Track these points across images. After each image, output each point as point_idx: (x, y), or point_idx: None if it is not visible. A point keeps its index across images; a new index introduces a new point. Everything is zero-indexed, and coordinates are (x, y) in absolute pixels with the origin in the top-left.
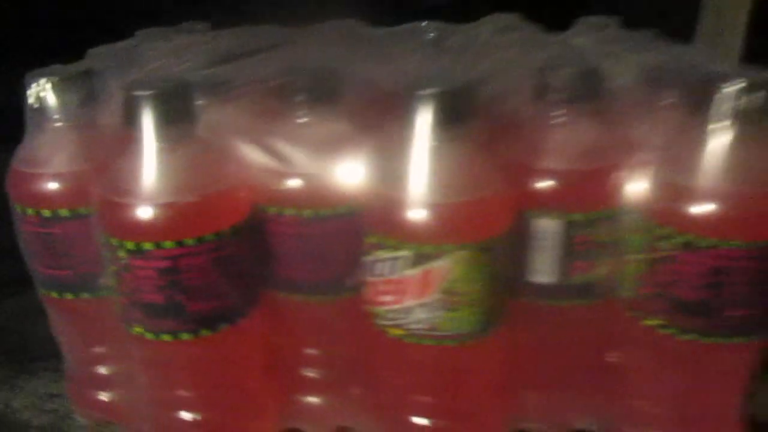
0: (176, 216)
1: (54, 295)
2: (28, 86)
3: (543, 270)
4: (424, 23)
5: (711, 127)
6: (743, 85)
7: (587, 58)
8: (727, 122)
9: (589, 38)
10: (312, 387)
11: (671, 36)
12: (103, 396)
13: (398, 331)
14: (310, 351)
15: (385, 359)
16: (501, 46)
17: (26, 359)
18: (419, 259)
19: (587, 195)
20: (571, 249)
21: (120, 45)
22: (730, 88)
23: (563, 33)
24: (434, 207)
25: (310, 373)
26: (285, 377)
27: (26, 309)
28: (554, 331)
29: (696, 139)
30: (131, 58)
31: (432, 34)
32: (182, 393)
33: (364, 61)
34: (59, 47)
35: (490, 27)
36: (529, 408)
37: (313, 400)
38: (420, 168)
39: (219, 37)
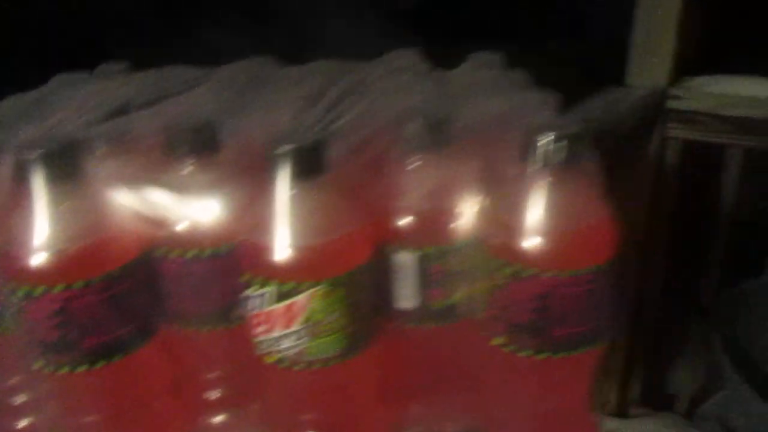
0: (64, 262)
1: None
2: None
3: (404, 297)
4: (324, 63)
5: (530, 170)
6: (555, 135)
7: (446, 105)
8: (541, 168)
9: (463, 81)
10: (214, 407)
11: (604, 50)
12: (20, 424)
13: (273, 358)
14: (209, 375)
15: (268, 381)
16: (379, 91)
17: None
18: (282, 295)
19: (436, 231)
20: (427, 278)
21: (32, 95)
22: (543, 139)
23: (450, 71)
24: (291, 249)
25: (212, 395)
26: (189, 399)
27: None
28: (420, 350)
29: (518, 182)
30: (40, 109)
31: (319, 80)
32: (89, 419)
33: (252, 111)
34: None
35: (380, 69)
36: (410, 419)
37: (216, 419)
38: (279, 215)
39: (124, 84)
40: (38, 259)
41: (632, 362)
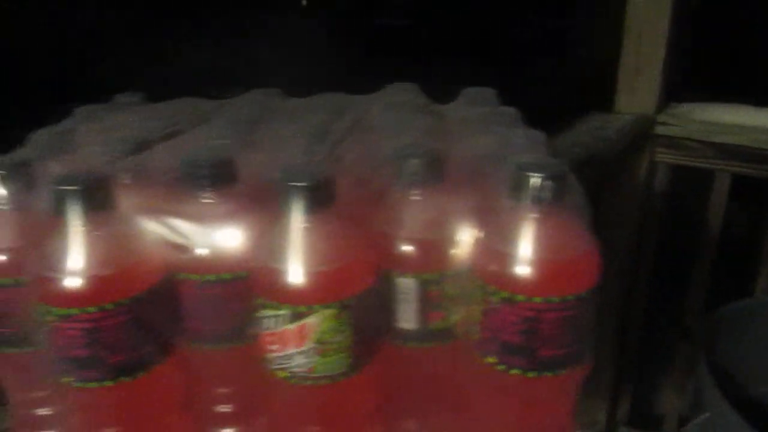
0: (97, 286)
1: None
2: None
3: (405, 318)
4: (325, 96)
5: (516, 206)
6: (539, 175)
7: (440, 141)
8: (527, 204)
9: (457, 116)
10: (224, 420)
11: (593, 76)
12: None
13: (283, 374)
14: (221, 390)
15: (277, 396)
16: (379, 127)
17: None
18: (295, 316)
19: (435, 258)
20: (427, 301)
21: (59, 128)
22: (530, 177)
23: (445, 106)
24: (304, 275)
25: (223, 409)
26: (201, 413)
27: None
28: (420, 368)
29: (506, 215)
30: (67, 142)
31: (323, 115)
32: (109, 430)
33: (261, 144)
34: None
35: (380, 103)
36: (406, 431)
37: (225, 431)
38: (292, 243)
39: (142, 118)
40: (73, 282)
41: (620, 382)
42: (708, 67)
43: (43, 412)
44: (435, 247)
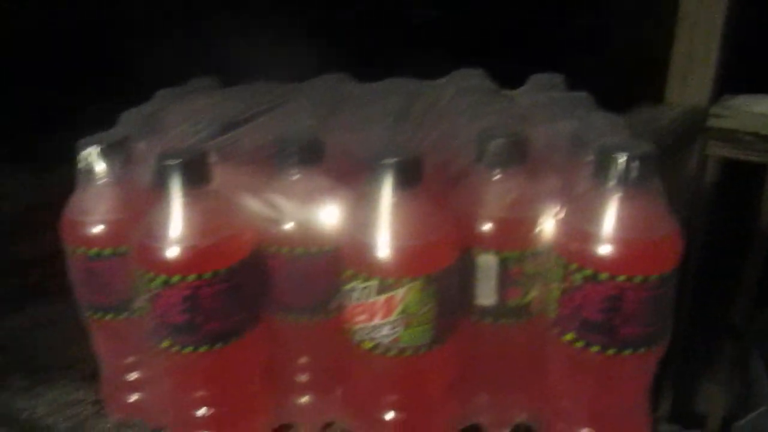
0: (197, 256)
1: (98, 317)
2: (79, 152)
3: (484, 295)
4: (394, 81)
5: (605, 186)
6: (627, 155)
7: (519, 124)
8: (614, 184)
9: (530, 99)
10: (303, 389)
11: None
12: (133, 397)
13: (369, 345)
14: (301, 360)
15: (359, 367)
16: (455, 111)
17: (42, 369)
18: (383, 288)
19: (517, 237)
20: (506, 279)
21: (145, 109)
22: (617, 158)
23: (515, 90)
24: (393, 249)
25: (302, 378)
26: (280, 381)
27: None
28: (496, 344)
29: (591, 195)
30: (155, 122)
31: (400, 98)
32: (199, 394)
33: (344, 125)
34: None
35: (452, 89)
36: (478, 406)
37: (304, 400)
38: (381, 219)
39: (224, 100)
40: (176, 251)
41: (662, 379)
42: (764, 58)
43: (134, 377)
44: (516, 225)
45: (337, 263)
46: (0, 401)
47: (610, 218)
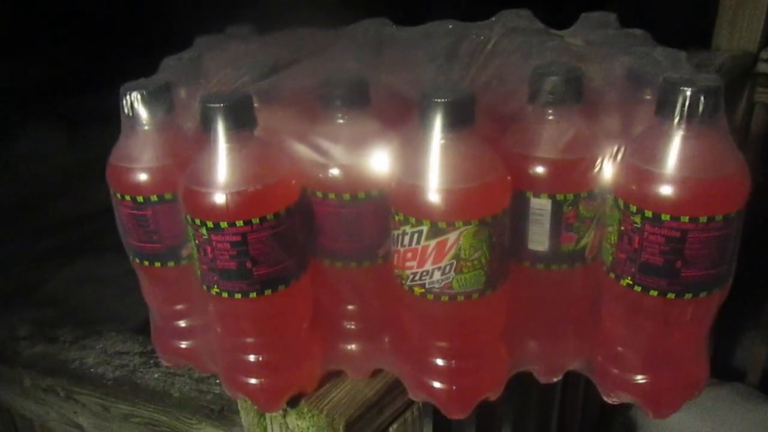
0: (245, 201)
1: (145, 263)
2: (122, 97)
3: (538, 240)
4: (438, 24)
5: (667, 123)
6: (693, 89)
7: (575, 62)
8: (679, 120)
9: (582, 38)
10: (351, 336)
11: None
12: (183, 344)
13: (420, 290)
14: (349, 307)
15: (410, 313)
16: (505, 50)
17: (90, 322)
18: (435, 233)
19: (572, 179)
20: (560, 223)
21: (186, 56)
22: (683, 92)
23: (565, 30)
24: (445, 192)
25: (349, 325)
26: (329, 329)
27: (80, 277)
28: (549, 290)
29: (654, 133)
30: (196, 69)
31: (446, 39)
32: (248, 340)
33: (389, 68)
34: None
35: (498, 29)
36: (530, 353)
37: (352, 347)
38: (433, 161)
39: (265, 46)
40: (225, 197)
41: (719, 306)
42: None
43: (183, 324)
44: (571, 167)
45: (386, 209)
46: (50, 353)
47: (673, 156)
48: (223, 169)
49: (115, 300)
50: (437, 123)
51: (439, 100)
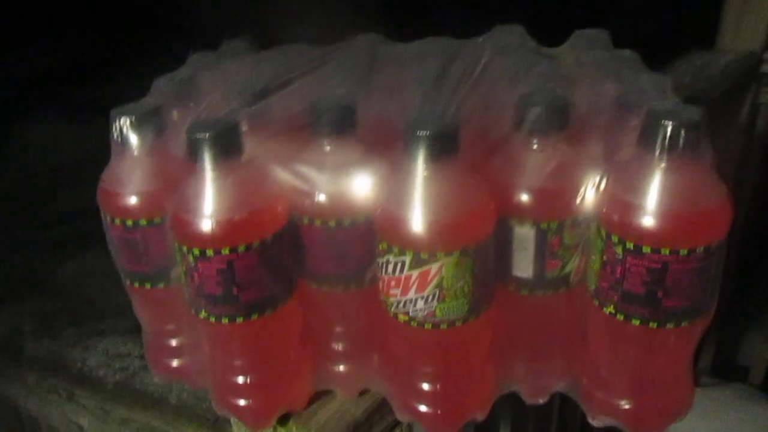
0: (231, 229)
1: (136, 285)
2: (112, 122)
3: (522, 267)
4: (432, 41)
5: (648, 155)
6: (675, 122)
7: (562, 87)
8: (660, 153)
9: (574, 57)
10: (339, 357)
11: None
12: (174, 361)
13: (404, 317)
14: (337, 329)
15: (395, 337)
16: (495, 73)
17: (93, 318)
18: (418, 263)
19: (556, 207)
20: (545, 250)
21: (178, 76)
22: (665, 125)
23: (557, 48)
24: (426, 224)
25: (338, 346)
26: (318, 349)
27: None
28: (534, 314)
29: (636, 164)
30: (188, 90)
31: (437, 60)
32: (237, 362)
33: (379, 91)
34: None
35: (490, 47)
36: (516, 375)
37: (341, 367)
38: (415, 192)
39: (256, 65)
40: (209, 225)
41: (703, 332)
42: None
43: (175, 342)
44: (555, 195)
45: (372, 233)
46: (54, 350)
47: (655, 189)
48: (209, 197)
49: (120, 292)
50: (420, 154)
51: (422, 133)
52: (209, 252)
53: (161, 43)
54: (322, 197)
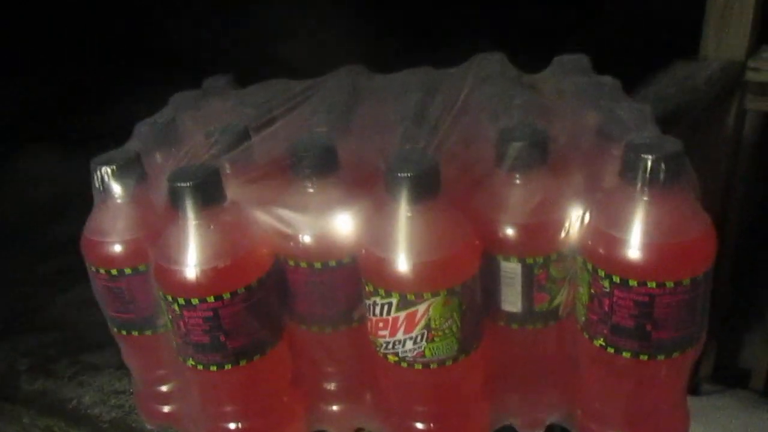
0: (215, 277)
1: (123, 333)
2: (93, 172)
3: (511, 301)
4: (413, 72)
5: (630, 188)
6: (654, 156)
7: (542, 119)
8: (641, 186)
9: (553, 85)
10: (332, 397)
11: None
12: (165, 408)
13: (394, 358)
14: (329, 369)
15: (386, 378)
16: (475, 107)
17: (88, 351)
18: (404, 304)
19: (541, 242)
20: (532, 284)
21: (160, 119)
22: (645, 159)
23: (538, 75)
24: (411, 266)
25: (330, 386)
26: (310, 390)
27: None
28: (524, 348)
29: (618, 197)
30: (170, 133)
31: (417, 94)
32: (227, 408)
33: (360, 129)
34: None
35: (470, 76)
36: (510, 408)
37: (333, 407)
38: (398, 234)
39: (238, 104)
40: (195, 275)
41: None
42: None
43: (165, 389)
44: (539, 231)
45: (358, 273)
46: (49, 389)
47: (638, 222)
48: (192, 246)
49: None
50: (402, 196)
51: (402, 175)
52: (194, 301)
53: (152, 72)
54: (306, 239)
